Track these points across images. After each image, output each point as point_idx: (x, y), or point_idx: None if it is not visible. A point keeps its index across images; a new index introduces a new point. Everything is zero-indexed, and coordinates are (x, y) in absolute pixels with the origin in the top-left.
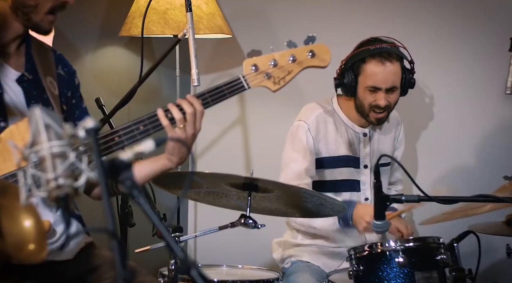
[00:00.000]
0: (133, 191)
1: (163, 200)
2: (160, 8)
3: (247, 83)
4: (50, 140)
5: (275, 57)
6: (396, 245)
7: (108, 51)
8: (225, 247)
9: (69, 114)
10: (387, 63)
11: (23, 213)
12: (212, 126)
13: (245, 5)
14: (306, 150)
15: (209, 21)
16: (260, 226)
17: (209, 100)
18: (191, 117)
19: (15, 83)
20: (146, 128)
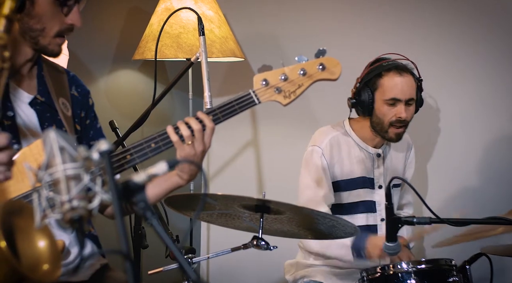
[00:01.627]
0: (147, 212)
1: (176, 222)
2: (173, 32)
3: (257, 98)
4: (65, 162)
5: (285, 71)
6: (408, 267)
7: (122, 74)
8: (238, 269)
9: (83, 135)
10: (404, 74)
11: (37, 234)
12: (225, 148)
13: (257, 28)
14: (322, 175)
15: (222, 45)
16: (273, 247)
17: (219, 116)
18: (199, 134)
19: (28, 106)
20: (157, 146)
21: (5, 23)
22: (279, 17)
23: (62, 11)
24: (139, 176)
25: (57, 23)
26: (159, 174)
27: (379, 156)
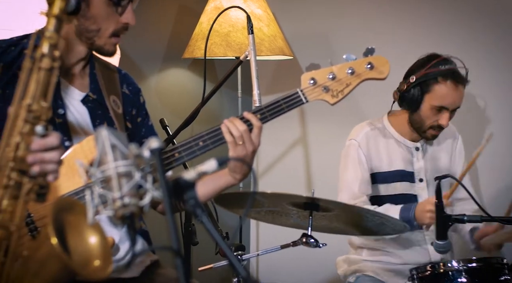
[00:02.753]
0: (197, 210)
1: (225, 219)
2: (222, 31)
3: (305, 97)
4: (116, 160)
5: (333, 70)
6: (459, 265)
7: (172, 73)
8: (287, 265)
9: (134, 132)
10: (460, 87)
11: (88, 230)
12: (273, 146)
13: (306, 26)
14: (358, 167)
15: (271, 43)
16: (322, 245)
17: (267, 115)
18: (246, 134)
19: (80, 103)
20: (205, 144)
21: (55, 23)
22: (328, 14)
23: (116, 11)
24: (189, 173)
25: (112, 23)
26: (208, 171)
27: (417, 149)
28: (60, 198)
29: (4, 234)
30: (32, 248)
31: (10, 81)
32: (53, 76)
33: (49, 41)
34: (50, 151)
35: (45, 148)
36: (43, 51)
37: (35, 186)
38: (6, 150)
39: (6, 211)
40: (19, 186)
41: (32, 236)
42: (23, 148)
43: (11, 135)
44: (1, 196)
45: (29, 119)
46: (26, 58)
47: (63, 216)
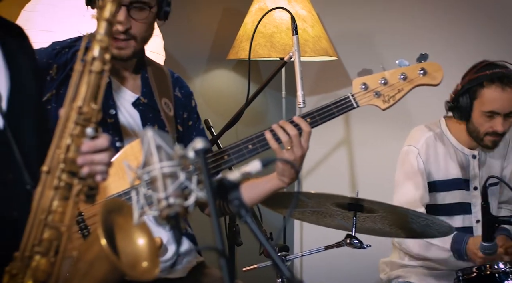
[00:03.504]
0: (241, 210)
1: (269, 220)
2: (267, 32)
3: (356, 102)
4: (161, 161)
5: (385, 75)
6: (506, 267)
7: (217, 74)
8: (331, 266)
9: (185, 135)
10: (507, 89)
11: (136, 232)
12: (317, 146)
13: (350, 27)
14: (418, 175)
15: (315, 44)
16: (366, 246)
17: (317, 119)
18: (296, 139)
19: (131, 106)
20: (254, 147)
21: (105, 26)
22: (372, 15)
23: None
24: (233, 174)
25: None
26: (252, 172)
27: (474, 157)
28: (109, 199)
29: (54, 234)
30: (82, 248)
31: (63, 82)
32: (104, 79)
33: (100, 44)
34: (100, 152)
35: (95, 150)
36: (94, 54)
37: (84, 187)
38: (56, 152)
39: (56, 212)
40: (69, 187)
41: (82, 234)
42: (73, 149)
43: (62, 137)
44: (51, 197)
45: (80, 121)
46: (77, 61)
47: (112, 217)
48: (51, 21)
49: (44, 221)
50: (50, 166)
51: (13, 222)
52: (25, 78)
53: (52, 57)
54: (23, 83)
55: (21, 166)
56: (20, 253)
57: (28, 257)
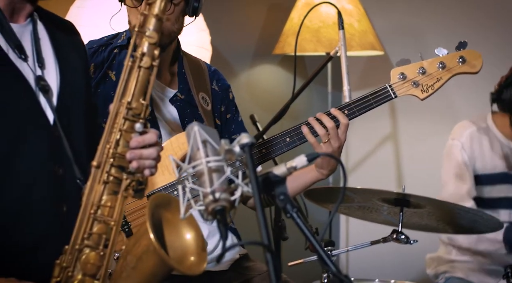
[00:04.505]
0: (287, 205)
1: (315, 214)
2: (313, 27)
3: (393, 92)
4: (207, 155)
5: (424, 65)
6: None
7: (262, 69)
8: (377, 262)
9: (224, 129)
10: None
11: (184, 226)
12: (363, 141)
13: (397, 21)
14: (463, 169)
15: (361, 39)
16: (413, 241)
17: (355, 110)
18: (334, 131)
19: (168, 102)
20: (292, 140)
21: (155, 23)
22: (420, 9)
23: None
24: (279, 169)
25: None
26: (298, 167)
27: None
28: (157, 194)
29: (103, 228)
30: (130, 243)
31: (101, 81)
32: (153, 74)
33: (149, 40)
34: (148, 147)
35: (144, 145)
36: (143, 50)
37: (133, 182)
38: (106, 147)
39: (105, 206)
40: (118, 182)
41: (123, 230)
42: (122, 144)
43: (111, 132)
44: (101, 192)
45: (129, 116)
46: (127, 56)
47: (160, 212)
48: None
49: (94, 215)
50: (99, 161)
51: (64, 216)
52: (75, 73)
53: (89, 56)
54: (73, 78)
55: (71, 160)
56: (70, 246)
57: (78, 251)
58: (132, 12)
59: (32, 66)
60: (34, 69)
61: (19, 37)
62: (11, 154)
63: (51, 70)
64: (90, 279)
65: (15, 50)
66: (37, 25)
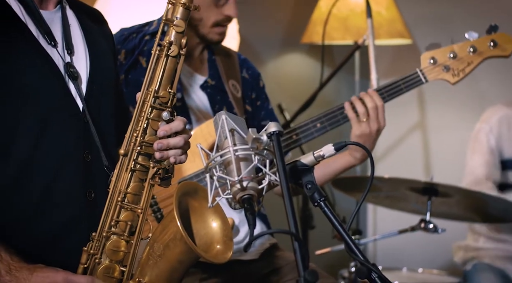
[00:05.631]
0: (314, 194)
1: (342, 203)
2: (341, 15)
3: (424, 77)
4: (235, 144)
5: (454, 49)
6: None
7: (290, 57)
8: (405, 250)
9: (254, 115)
10: None
11: (210, 215)
12: (391, 130)
13: (426, 9)
14: (487, 152)
15: (389, 27)
16: (441, 230)
17: (385, 95)
18: (374, 111)
19: (199, 88)
20: (323, 126)
21: (182, 11)
22: None
23: (216, 3)
24: (306, 158)
25: (213, 14)
26: (326, 155)
27: None
28: (183, 182)
29: (130, 216)
30: (157, 230)
31: (132, 67)
32: (180, 63)
33: (176, 29)
34: (175, 135)
35: (170, 133)
36: (170, 39)
37: (160, 170)
38: (133, 135)
39: (132, 194)
40: (145, 170)
41: (155, 217)
42: (149, 133)
43: (139, 120)
44: (128, 179)
45: (156, 105)
46: (154, 45)
47: (187, 200)
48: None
49: (121, 203)
50: (127, 149)
51: (91, 203)
52: (104, 61)
53: (120, 42)
54: (102, 66)
55: (99, 147)
56: (98, 233)
57: (105, 238)
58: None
59: (61, 53)
60: (63, 55)
61: (49, 24)
62: (40, 140)
63: (81, 57)
64: (117, 266)
65: (45, 37)
66: (66, 12)
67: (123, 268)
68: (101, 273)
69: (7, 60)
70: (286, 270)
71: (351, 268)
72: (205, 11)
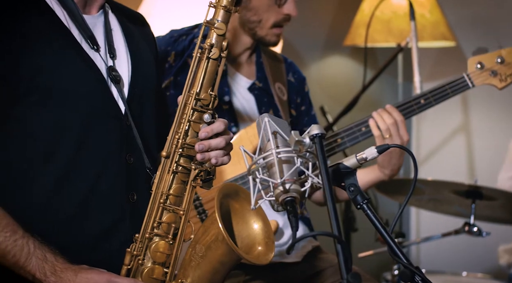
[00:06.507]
0: (357, 196)
1: (385, 206)
2: (384, 17)
3: (471, 82)
4: (278, 147)
5: (502, 54)
6: None
7: (333, 60)
8: (449, 254)
9: (298, 120)
10: None
11: (252, 216)
12: (435, 133)
13: (471, 11)
14: None
15: (433, 29)
16: (485, 234)
17: (431, 100)
18: (394, 127)
19: (246, 91)
20: (367, 130)
21: (223, 14)
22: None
23: (276, 2)
24: (349, 160)
25: (273, 15)
26: (368, 158)
27: None
28: (225, 184)
29: (173, 217)
30: (199, 232)
31: (181, 69)
32: (221, 66)
33: (217, 31)
34: (216, 137)
35: (212, 134)
36: (211, 42)
37: (202, 172)
38: (175, 137)
39: (174, 196)
40: (187, 172)
41: (200, 219)
42: (191, 135)
43: (180, 123)
44: (170, 181)
45: (197, 107)
46: (195, 48)
47: (228, 201)
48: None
49: (163, 204)
50: (169, 151)
51: (134, 204)
52: (145, 64)
53: (170, 44)
54: (144, 69)
55: (141, 150)
56: (140, 234)
57: (148, 239)
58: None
59: (104, 57)
60: (105, 59)
61: (92, 28)
62: (83, 143)
63: (123, 61)
64: (160, 267)
65: (88, 41)
66: (109, 16)
67: (166, 269)
68: (146, 276)
69: (50, 64)
70: (328, 272)
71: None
72: (265, 12)
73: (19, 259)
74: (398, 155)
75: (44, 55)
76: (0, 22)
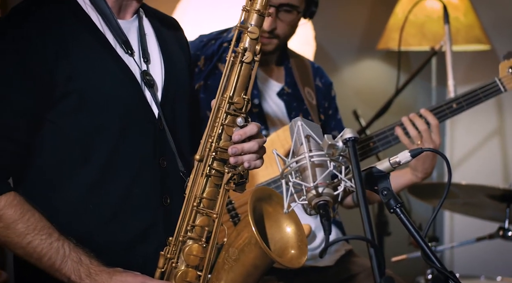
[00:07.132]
0: (390, 200)
1: (418, 210)
2: (417, 21)
3: (503, 86)
4: (310, 150)
5: None
6: None
7: (366, 64)
8: (483, 258)
9: (326, 124)
10: None
11: (285, 220)
12: (469, 136)
13: (505, 15)
14: None
15: (467, 33)
16: None
17: (463, 104)
18: (426, 133)
19: (276, 95)
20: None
21: (256, 18)
22: None
23: None
24: (382, 164)
25: None
26: (402, 162)
27: None
28: (258, 188)
29: (206, 221)
30: (232, 235)
31: (211, 73)
32: (254, 69)
33: (251, 35)
34: (249, 140)
35: (245, 138)
36: (245, 45)
37: (235, 176)
38: (208, 141)
39: (208, 199)
40: (220, 175)
41: (233, 222)
42: (224, 138)
43: (214, 126)
44: (203, 185)
45: (230, 111)
46: (229, 52)
47: (261, 205)
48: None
49: (197, 208)
50: (202, 155)
51: (168, 208)
52: (179, 69)
53: (199, 49)
54: (177, 73)
55: (175, 153)
56: (174, 238)
57: (182, 242)
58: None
59: (138, 61)
60: (139, 64)
61: (126, 33)
62: (117, 147)
63: (156, 65)
64: (193, 271)
65: (122, 46)
66: (143, 21)
67: (199, 273)
68: (179, 279)
69: (85, 69)
70: (362, 276)
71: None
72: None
73: (55, 262)
74: (431, 158)
75: (79, 60)
76: (36, 27)
